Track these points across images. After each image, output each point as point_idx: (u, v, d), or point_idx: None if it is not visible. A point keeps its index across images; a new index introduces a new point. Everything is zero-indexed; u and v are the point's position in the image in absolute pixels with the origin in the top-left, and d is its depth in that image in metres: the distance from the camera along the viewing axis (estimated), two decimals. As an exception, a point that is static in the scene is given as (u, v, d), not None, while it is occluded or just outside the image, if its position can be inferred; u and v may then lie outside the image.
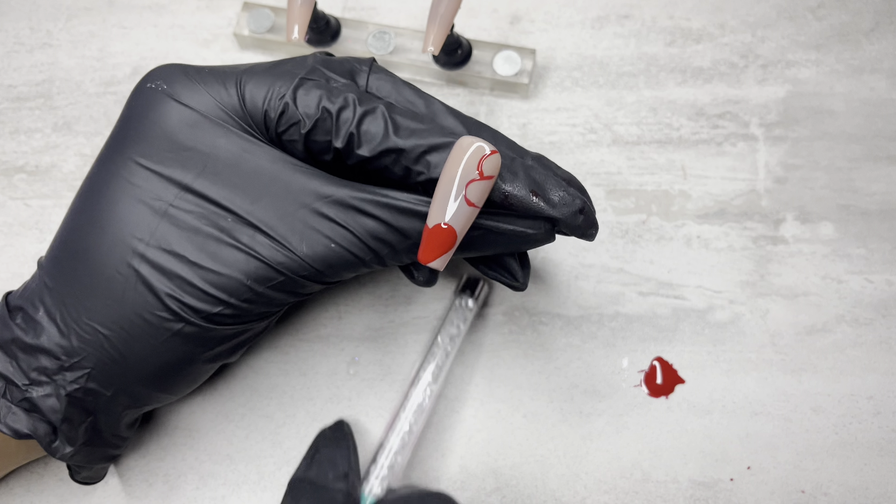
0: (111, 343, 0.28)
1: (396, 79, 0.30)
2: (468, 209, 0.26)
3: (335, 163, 0.28)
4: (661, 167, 0.39)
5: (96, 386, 0.28)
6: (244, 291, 0.28)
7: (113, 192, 0.28)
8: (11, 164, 0.40)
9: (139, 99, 0.29)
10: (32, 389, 0.28)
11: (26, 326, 0.28)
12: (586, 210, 0.28)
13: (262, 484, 0.34)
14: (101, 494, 0.34)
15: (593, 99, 0.40)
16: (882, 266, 0.37)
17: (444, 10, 0.34)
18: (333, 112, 0.27)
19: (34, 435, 0.28)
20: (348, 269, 0.28)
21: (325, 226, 0.27)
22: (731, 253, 0.37)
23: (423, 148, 0.27)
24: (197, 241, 0.27)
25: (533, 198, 0.27)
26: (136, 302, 0.27)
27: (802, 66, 0.40)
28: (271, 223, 0.27)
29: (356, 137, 0.27)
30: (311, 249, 0.27)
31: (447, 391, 0.35)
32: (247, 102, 0.28)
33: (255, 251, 0.27)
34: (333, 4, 0.42)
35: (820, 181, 0.38)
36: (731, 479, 0.34)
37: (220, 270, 0.27)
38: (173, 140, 0.28)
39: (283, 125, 0.28)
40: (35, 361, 0.28)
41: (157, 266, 0.27)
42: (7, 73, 0.42)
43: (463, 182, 0.25)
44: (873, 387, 0.35)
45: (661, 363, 0.36)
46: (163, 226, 0.28)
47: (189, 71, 0.29)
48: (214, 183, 0.28)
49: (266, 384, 0.36)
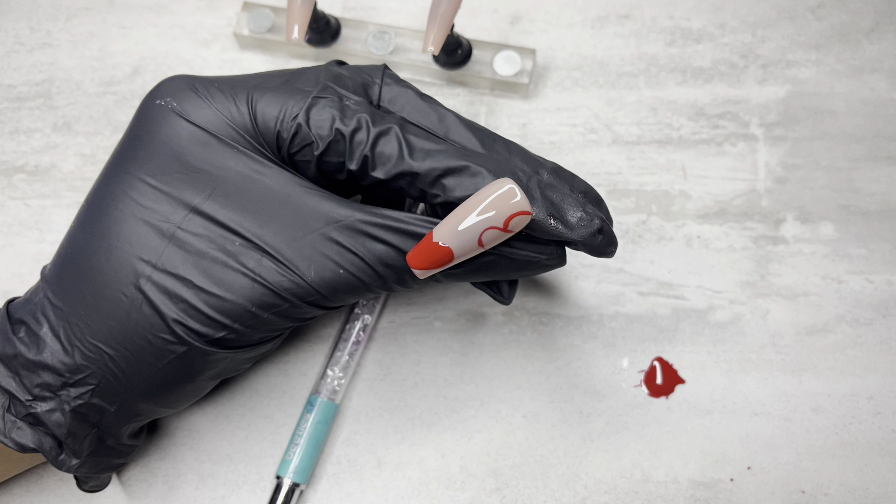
0: (115, 362, 0.27)
1: (409, 88, 0.30)
2: (475, 247, 0.26)
3: (348, 182, 0.28)
4: (662, 167, 0.39)
5: (100, 401, 0.28)
6: (248, 317, 0.27)
7: (120, 210, 0.28)
8: (11, 164, 0.40)
9: (147, 116, 0.29)
10: (36, 405, 0.28)
11: (29, 342, 0.28)
12: (605, 230, 0.27)
13: (261, 484, 0.34)
14: (100, 494, 0.34)
15: (593, 99, 0.40)
16: (882, 266, 0.37)
17: (444, 10, 0.33)
18: (347, 134, 0.27)
19: (40, 449, 0.28)
20: (352, 295, 0.28)
21: (335, 251, 0.27)
22: (731, 253, 0.37)
23: (439, 172, 0.27)
24: (202, 266, 0.27)
25: (551, 221, 0.27)
26: (140, 324, 0.27)
27: (803, 66, 0.40)
28: (279, 248, 0.27)
29: (370, 160, 0.27)
30: (318, 275, 0.27)
31: (447, 391, 0.35)
32: (258, 121, 0.28)
33: (260, 277, 0.27)
34: (333, 4, 0.42)
35: (820, 181, 0.38)
36: (732, 479, 0.34)
37: (224, 296, 0.27)
38: (182, 160, 0.28)
39: (296, 146, 0.27)
40: (38, 378, 0.28)
41: (163, 290, 0.27)
42: (7, 73, 0.42)
43: (484, 224, 0.25)
44: (873, 387, 0.35)
45: (661, 363, 0.35)
46: (170, 249, 0.27)
47: (197, 85, 0.29)
48: (224, 206, 0.28)
49: (266, 384, 0.36)
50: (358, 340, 0.35)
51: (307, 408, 0.34)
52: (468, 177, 0.27)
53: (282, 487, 0.33)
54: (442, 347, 0.36)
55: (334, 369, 0.35)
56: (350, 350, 0.35)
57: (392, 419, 0.35)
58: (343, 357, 0.35)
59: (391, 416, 0.35)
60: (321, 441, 0.34)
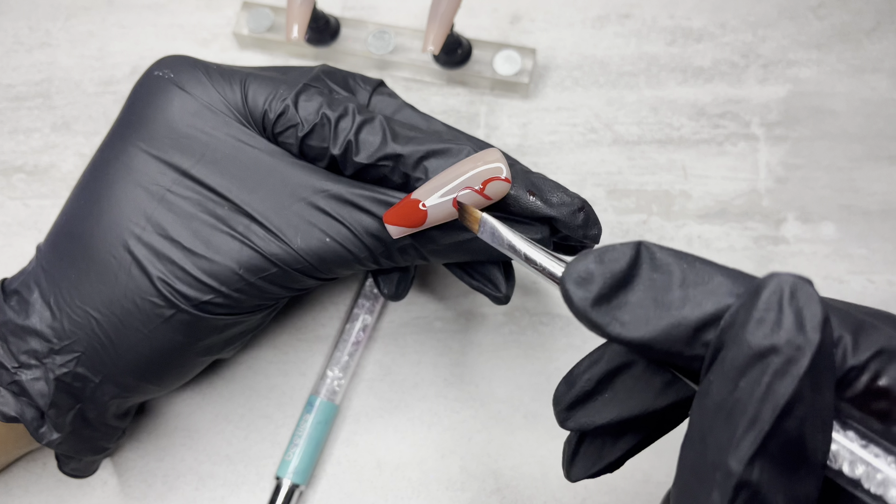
0: (102, 327, 0.28)
1: (400, 100, 0.31)
2: (451, 209, 0.26)
3: (330, 169, 0.28)
4: (662, 167, 0.39)
5: (85, 371, 0.28)
6: (236, 280, 0.27)
7: (112, 175, 0.28)
8: (10, 163, 0.40)
9: (145, 85, 0.30)
10: (22, 372, 0.28)
11: (19, 308, 0.28)
12: (587, 208, 0.28)
13: (261, 484, 0.34)
14: (99, 495, 0.34)
15: (594, 98, 0.40)
16: (883, 266, 0.37)
17: (444, 10, 0.33)
18: (332, 119, 0.27)
19: (21, 418, 0.28)
20: (342, 266, 0.28)
21: (321, 220, 0.27)
22: (732, 253, 0.37)
23: (421, 153, 0.27)
24: (192, 227, 0.28)
25: (530, 197, 0.27)
26: (128, 286, 0.27)
27: (803, 65, 0.40)
28: (267, 214, 0.28)
29: (353, 145, 0.27)
30: (305, 243, 0.27)
31: (447, 391, 0.35)
32: (248, 100, 0.28)
33: (249, 240, 0.27)
34: (333, 4, 0.42)
35: (821, 181, 0.38)
36: (732, 479, 0.34)
37: (212, 258, 0.27)
38: (174, 127, 0.28)
39: (281, 126, 0.28)
40: (25, 344, 0.28)
41: (151, 249, 0.27)
42: (6, 73, 0.42)
43: (461, 185, 0.25)
44: (874, 387, 0.35)
45: (662, 363, 0.35)
46: (159, 210, 0.28)
47: (198, 64, 0.30)
48: (212, 171, 0.28)
49: (265, 384, 0.36)
50: (358, 341, 0.35)
51: (307, 408, 0.34)
52: (451, 157, 0.27)
53: (281, 488, 0.33)
54: (442, 347, 0.36)
55: (334, 370, 0.35)
56: (350, 350, 0.35)
57: (392, 419, 0.35)
58: (343, 357, 0.35)
59: (391, 416, 0.35)
60: (321, 441, 0.34)
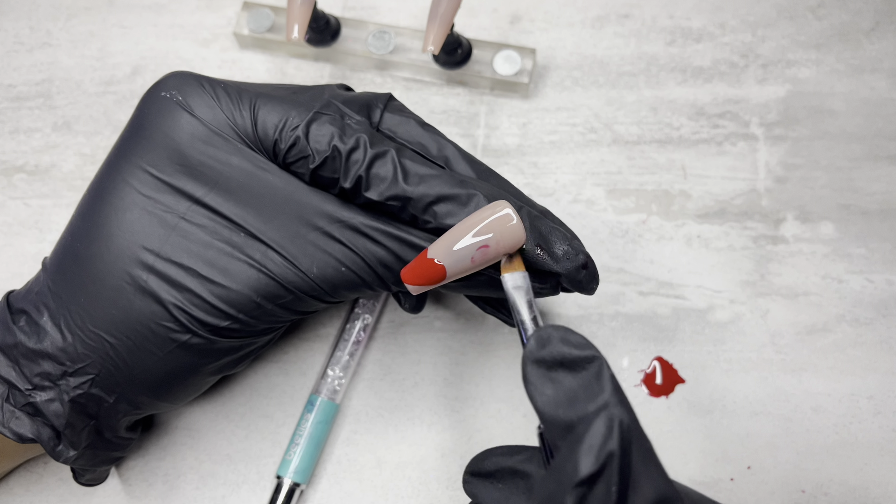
0: (116, 351, 0.28)
1: (411, 118, 0.30)
2: (469, 265, 0.26)
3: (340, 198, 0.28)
4: (662, 167, 0.39)
5: (99, 392, 0.28)
6: (253, 308, 0.28)
7: (121, 199, 0.28)
8: (11, 163, 0.40)
9: (152, 106, 0.29)
10: (36, 394, 0.28)
11: (29, 331, 0.28)
12: (590, 266, 0.28)
13: (261, 484, 0.34)
14: (101, 494, 0.34)
15: (593, 98, 0.40)
16: (882, 266, 0.37)
17: (444, 10, 0.33)
18: (344, 152, 0.27)
19: (38, 440, 0.28)
20: (352, 291, 0.29)
21: (337, 249, 0.28)
22: (731, 252, 0.37)
23: (431, 198, 0.27)
24: (207, 256, 0.27)
25: (538, 251, 0.27)
26: (142, 312, 0.27)
27: (803, 65, 0.40)
28: (282, 243, 0.28)
29: (364, 180, 0.27)
30: (321, 271, 0.27)
31: (447, 391, 0.35)
32: (258, 127, 0.28)
33: (266, 268, 0.27)
34: (333, 4, 0.42)
35: (820, 181, 0.38)
36: (732, 478, 0.34)
37: (229, 285, 0.27)
38: (185, 153, 0.28)
39: (292, 157, 0.28)
40: (37, 367, 0.28)
41: (165, 278, 0.27)
42: (7, 73, 0.42)
43: (478, 245, 0.25)
44: (873, 387, 0.35)
45: (662, 363, 0.35)
46: (173, 238, 0.27)
47: (205, 83, 0.29)
48: (227, 200, 0.28)
49: (266, 384, 0.36)
50: (358, 340, 0.35)
51: (307, 407, 0.34)
52: (460, 205, 0.27)
53: (282, 487, 0.33)
54: (442, 347, 0.36)
55: (334, 369, 0.35)
56: (350, 350, 0.35)
57: (392, 419, 0.35)
58: (343, 357, 0.35)
59: (391, 415, 0.35)
60: (321, 441, 0.34)
